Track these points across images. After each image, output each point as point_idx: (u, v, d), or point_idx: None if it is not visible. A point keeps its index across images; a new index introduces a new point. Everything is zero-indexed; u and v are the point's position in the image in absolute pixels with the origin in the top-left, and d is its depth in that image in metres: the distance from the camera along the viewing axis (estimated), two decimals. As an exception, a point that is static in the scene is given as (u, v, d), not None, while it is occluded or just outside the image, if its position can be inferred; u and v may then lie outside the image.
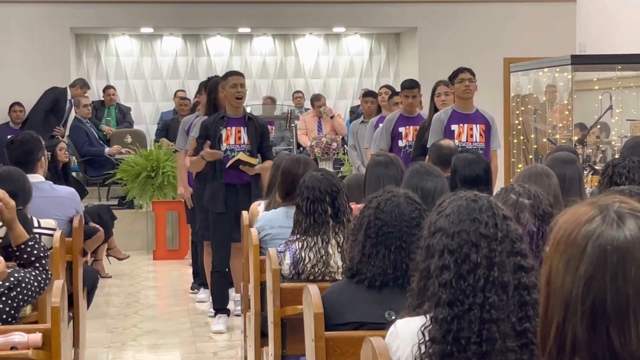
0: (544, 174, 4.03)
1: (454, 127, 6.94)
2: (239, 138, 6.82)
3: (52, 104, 11.58)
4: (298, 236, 4.14)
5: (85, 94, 11.73)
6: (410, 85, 7.81)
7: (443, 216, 2.28)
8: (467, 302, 2.20)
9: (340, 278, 3.69)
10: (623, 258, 1.44)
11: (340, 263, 4.02)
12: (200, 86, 8.07)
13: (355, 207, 4.16)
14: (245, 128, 6.83)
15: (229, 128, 6.81)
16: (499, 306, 2.20)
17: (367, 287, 3.03)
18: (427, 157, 5.89)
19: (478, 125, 6.98)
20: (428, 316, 2.24)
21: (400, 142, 7.65)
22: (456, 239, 2.24)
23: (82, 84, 11.72)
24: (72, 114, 11.69)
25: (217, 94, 7.13)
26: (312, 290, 3.13)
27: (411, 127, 7.64)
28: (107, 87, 13.14)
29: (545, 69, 10.79)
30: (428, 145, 6.50)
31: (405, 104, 7.76)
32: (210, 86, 7.31)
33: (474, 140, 6.95)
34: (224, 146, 6.79)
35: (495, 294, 2.21)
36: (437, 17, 13.04)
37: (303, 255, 4.07)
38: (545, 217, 2.94)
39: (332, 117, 11.83)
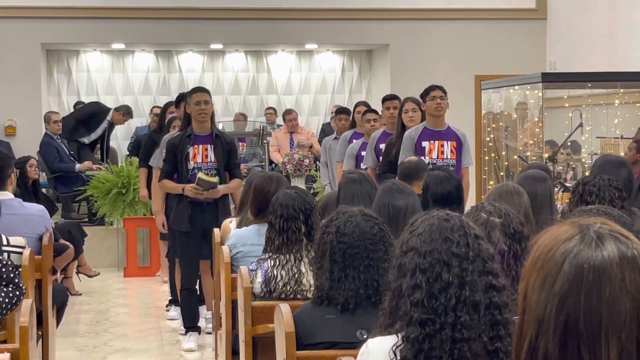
0: (514, 192, 4.04)
1: (425, 143, 6.96)
2: (206, 156, 6.75)
3: (87, 116, 11.89)
4: (270, 254, 4.12)
5: (125, 121, 12.04)
6: (391, 97, 7.93)
7: (415, 235, 2.28)
8: (438, 322, 2.20)
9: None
10: (599, 278, 1.45)
11: (312, 281, 4.01)
12: (174, 102, 8.06)
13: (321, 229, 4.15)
14: (212, 146, 6.77)
15: (195, 146, 6.74)
16: (471, 325, 2.20)
17: (340, 310, 3.02)
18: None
19: (449, 142, 7.00)
20: (400, 335, 2.23)
21: (381, 159, 7.65)
22: (428, 258, 2.24)
23: (125, 112, 12.02)
24: (104, 135, 11.92)
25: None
26: (284, 309, 3.11)
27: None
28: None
29: (516, 87, 10.86)
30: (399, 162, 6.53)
31: (387, 116, 7.78)
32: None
33: (445, 157, 6.97)
34: (191, 164, 6.72)
35: (467, 313, 2.21)
36: (409, 35, 13.10)
37: (275, 273, 4.05)
38: (516, 236, 2.95)
39: (310, 147, 11.71)
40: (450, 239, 2.26)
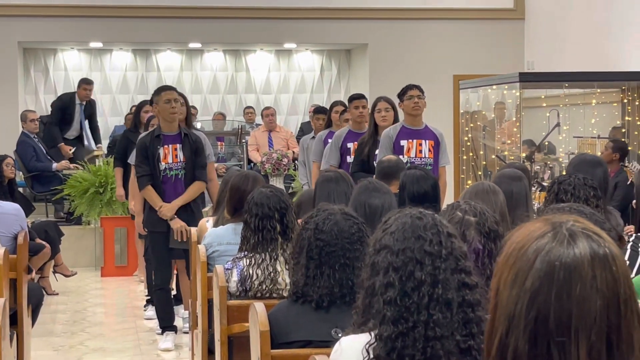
0: (490, 191, 4.05)
1: (403, 142, 6.97)
2: (176, 156, 6.67)
3: (58, 115, 11.64)
4: (246, 253, 4.11)
5: (88, 89, 11.68)
6: (359, 96, 7.89)
7: (388, 234, 2.28)
8: (411, 320, 2.20)
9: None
10: (570, 275, 1.44)
11: (288, 280, 4.00)
12: (149, 101, 8.00)
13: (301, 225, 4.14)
14: (181, 145, 6.69)
15: (165, 146, 6.66)
16: (443, 323, 2.20)
17: (314, 308, 3.02)
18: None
19: (427, 141, 7.02)
20: (373, 334, 2.23)
21: (348, 157, 7.64)
22: (401, 257, 2.24)
23: (83, 83, 11.68)
24: (81, 117, 11.70)
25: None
26: (258, 308, 3.10)
27: (359, 142, 7.64)
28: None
29: (494, 86, 10.89)
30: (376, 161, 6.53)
31: (356, 115, 7.76)
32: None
33: (423, 156, 6.98)
34: (162, 165, 6.65)
35: (440, 312, 2.20)
36: (387, 34, 13.11)
37: (251, 272, 4.04)
38: (491, 235, 2.94)
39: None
40: (423, 237, 2.25)
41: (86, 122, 11.91)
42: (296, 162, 10.54)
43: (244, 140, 11.01)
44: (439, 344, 2.19)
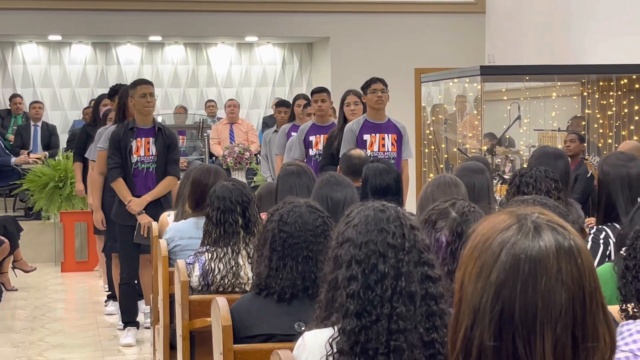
0: (452, 184, 4.05)
1: (366, 136, 6.96)
2: (148, 149, 6.69)
3: None
4: (208, 247, 4.07)
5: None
6: (319, 89, 7.82)
7: (351, 226, 2.26)
8: (374, 313, 2.18)
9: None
10: (535, 268, 1.43)
11: (250, 274, 3.97)
12: (109, 94, 7.93)
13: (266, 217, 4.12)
14: (154, 139, 6.71)
15: (138, 139, 6.67)
16: (407, 316, 2.18)
17: (276, 300, 3.00)
18: (339, 167, 5.89)
19: (390, 135, 7.01)
20: (336, 328, 2.21)
21: (310, 150, 7.62)
22: (364, 249, 2.22)
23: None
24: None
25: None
26: (221, 303, 3.07)
27: (322, 135, 7.60)
28: (14, 96, 12.81)
29: (456, 80, 10.92)
30: (340, 155, 6.50)
31: (316, 109, 7.73)
32: (122, 94, 7.17)
33: (386, 150, 6.98)
34: (134, 158, 6.65)
35: (403, 305, 2.19)
36: (349, 27, 13.10)
37: (213, 266, 4.00)
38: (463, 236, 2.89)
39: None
40: (386, 230, 2.23)
41: None
42: (258, 155, 10.51)
43: (205, 134, 10.94)
44: (402, 337, 2.17)
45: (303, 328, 2.90)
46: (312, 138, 7.63)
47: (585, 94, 10.49)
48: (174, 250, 4.73)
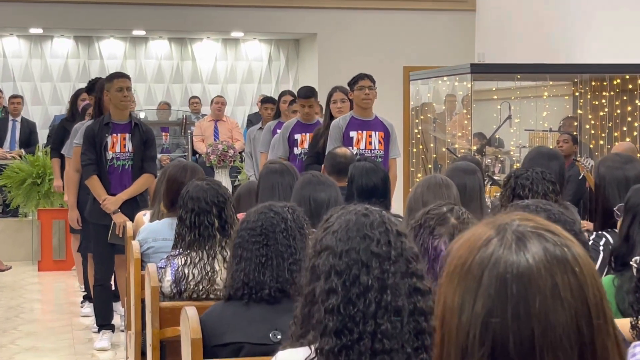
0: (443, 185, 3.82)
1: (353, 134, 6.74)
2: (124, 146, 6.45)
3: None
4: (181, 251, 3.82)
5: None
6: (306, 95, 7.49)
7: (330, 233, 2.01)
8: (356, 331, 1.94)
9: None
10: (525, 288, 1.18)
11: (226, 280, 3.72)
12: (87, 88, 7.67)
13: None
14: (130, 135, 6.46)
15: (114, 135, 6.43)
16: (393, 335, 1.94)
17: (252, 304, 2.78)
18: (323, 166, 5.65)
19: (377, 133, 6.80)
20: (313, 347, 1.97)
21: (295, 149, 7.39)
22: (344, 259, 1.97)
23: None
24: None
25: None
26: (190, 313, 2.82)
27: (307, 134, 7.37)
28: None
29: (445, 78, 10.71)
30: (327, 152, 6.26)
31: (302, 113, 7.51)
32: (98, 88, 6.93)
33: (373, 148, 6.76)
34: (109, 154, 6.41)
35: (388, 321, 1.95)
36: (337, 24, 12.87)
37: (186, 272, 3.74)
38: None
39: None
40: (370, 237, 1.98)
41: None
42: (242, 153, 10.26)
43: (189, 131, 10.68)
44: (387, 357, 1.94)
45: (279, 337, 2.69)
46: (297, 136, 7.40)
47: (577, 94, 10.29)
48: (147, 252, 4.48)
